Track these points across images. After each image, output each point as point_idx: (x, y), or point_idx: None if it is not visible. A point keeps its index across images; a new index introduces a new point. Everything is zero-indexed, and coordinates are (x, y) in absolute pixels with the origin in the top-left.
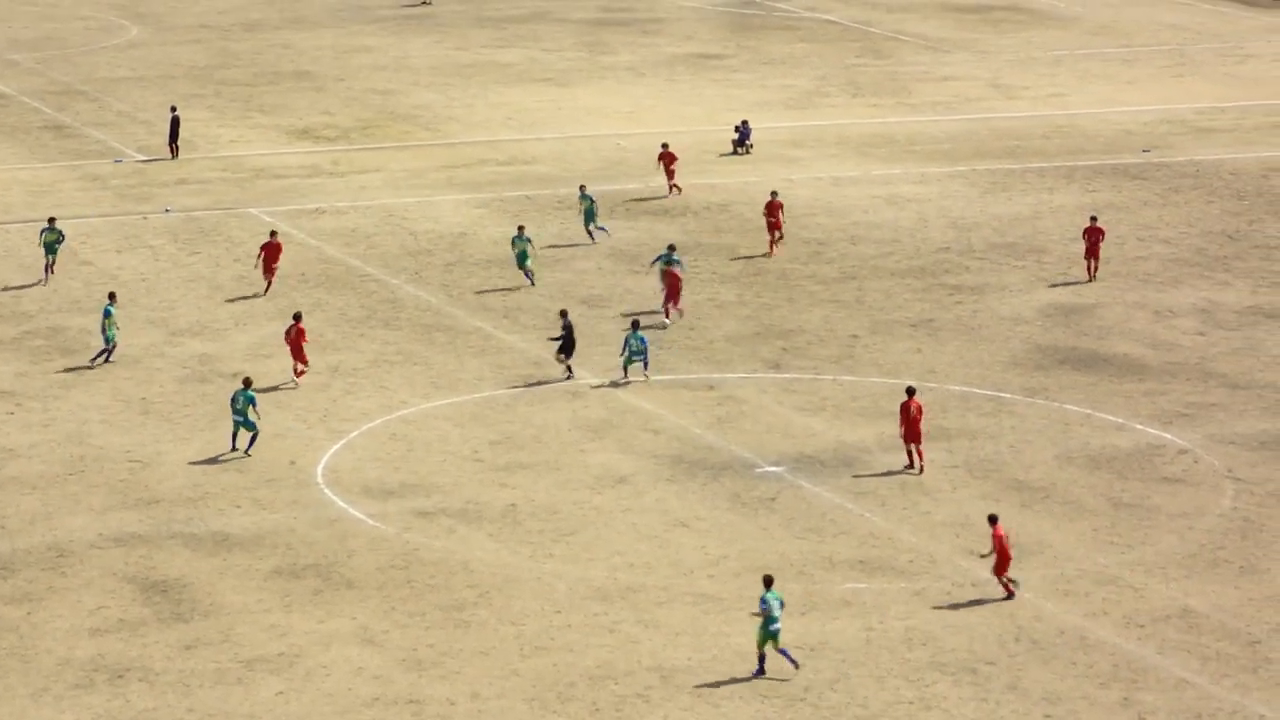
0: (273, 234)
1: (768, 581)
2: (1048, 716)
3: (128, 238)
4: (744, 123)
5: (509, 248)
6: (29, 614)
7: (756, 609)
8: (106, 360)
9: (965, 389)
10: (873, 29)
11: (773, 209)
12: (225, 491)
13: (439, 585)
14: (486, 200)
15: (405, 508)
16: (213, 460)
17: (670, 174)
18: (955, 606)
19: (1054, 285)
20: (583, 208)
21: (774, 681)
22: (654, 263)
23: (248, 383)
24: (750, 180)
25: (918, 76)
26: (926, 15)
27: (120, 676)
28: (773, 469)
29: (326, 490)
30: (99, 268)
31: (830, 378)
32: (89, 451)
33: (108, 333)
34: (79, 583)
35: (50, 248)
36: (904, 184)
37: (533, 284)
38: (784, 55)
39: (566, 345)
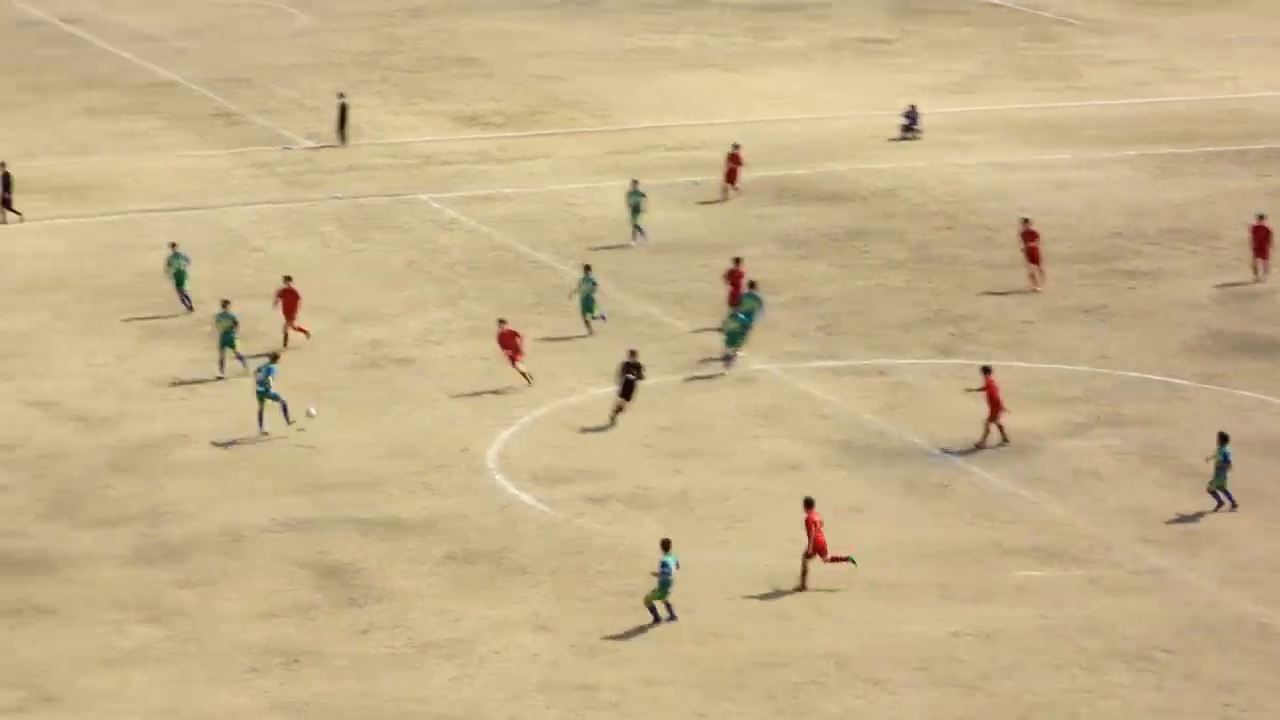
0: (287, 280)
1: (665, 545)
2: (1226, 705)
3: (296, 224)
4: (912, 107)
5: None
6: (203, 598)
7: (655, 569)
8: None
9: (1139, 375)
10: (1040, 12)
11: (1029, 238)
12: (397, 477)
13: (611, 571)
14: (655, 186)
15: (576, 494)
16: (383, 446)
17: (732, 175)
18: (1132, 594)
19: (1223, 271)
20: (631, 203)
21: (950, 669)
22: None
23: (275, 358)
24: (918, 165)
25: (1086, 60)
26: None
27: (294, 661)
28: (945, 455)
29: (498, 476)
30: (268, 254)
31: (1002, 364)
32: (261, 437)
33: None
34: (252, 567)
35: (179, 278)
36: (1074, 169)
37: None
38: (951, 39)
39: (627, 388)
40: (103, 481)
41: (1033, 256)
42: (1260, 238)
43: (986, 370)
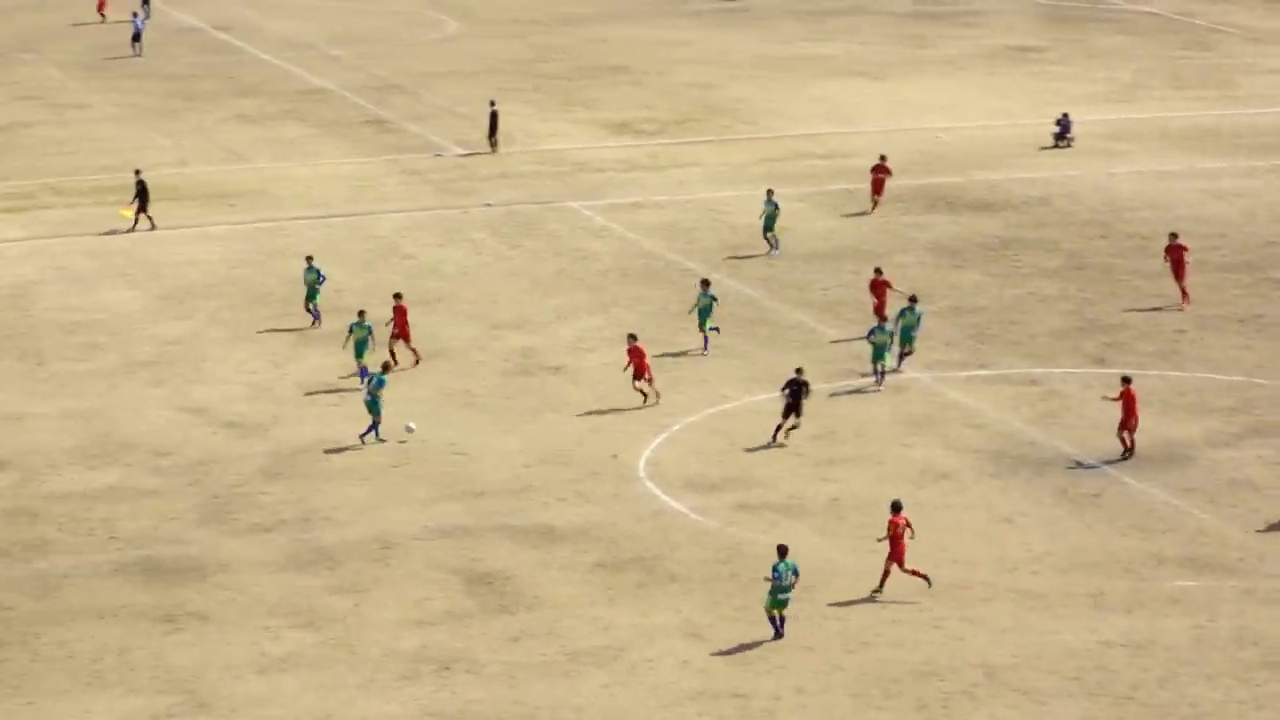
0: (398, 296)
1: (782, 551)
2: None
3: (448, 231)
4: (1065, 115)
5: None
6: (355, 605)
7: (768, 575)
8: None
9: None
10: (1195, 20)
11: (1174, 251)
12: (548, 485)
13: (763, 580)
14: (806, 194)
15: (728, 502)
16: (535, 454)
17: (879, 185)
18: None
19: None
20: (765, 213)
21: (1102, 679)
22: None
23: (387, 367)
24: (1071, 174)
25: (1243, 68)
26: (1251, 6)
27: (446, 668)
28: (1098, 465)
29: (649, 484)
30: (420, 261)
31: (1155, 373)
32: (413, 444)
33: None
34: (404, 574)
35: (311, 292)
36: (1229, 178)
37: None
38: (1105, 48)
39: (793, 405)
40: (256, 488)
41: (1177, 272)
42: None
43: (1126, 380)
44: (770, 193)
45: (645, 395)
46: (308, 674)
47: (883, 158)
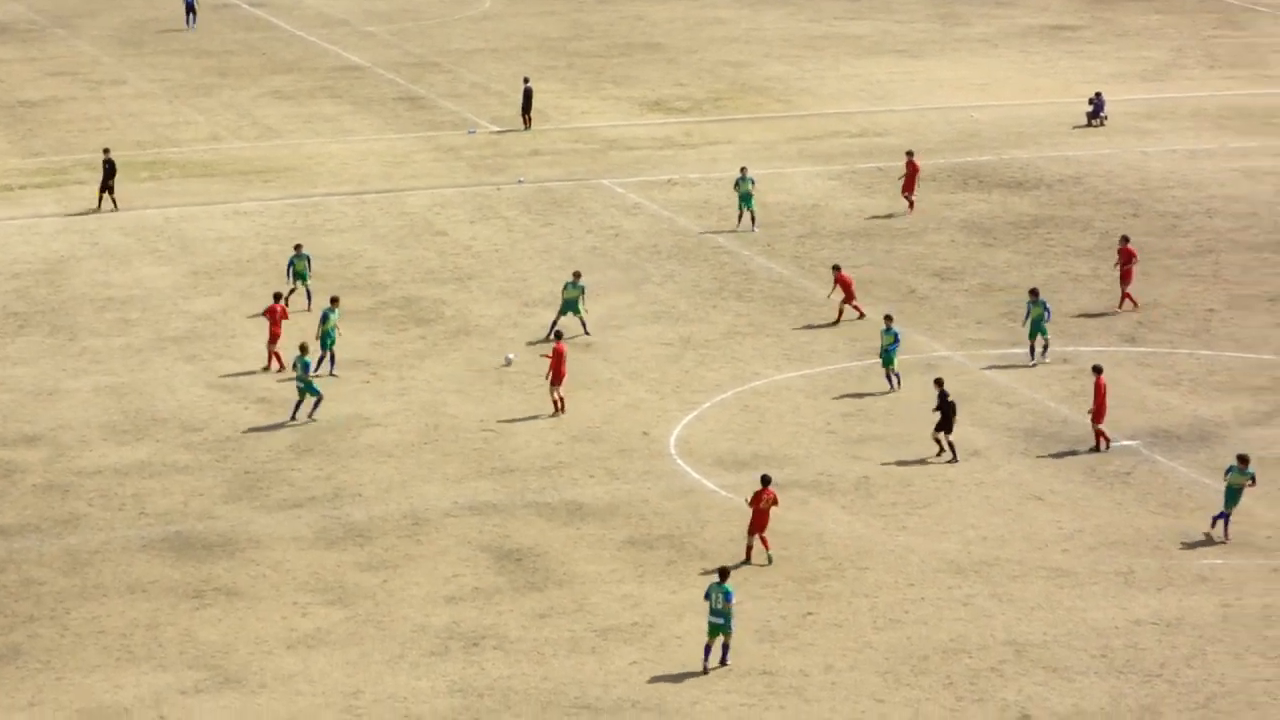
0: (277, 297)
1: (722, 574)
2: None
3: (481, 208)
4: (1098, 94)
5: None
6: (385, 581)
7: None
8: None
9: None
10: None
11: (1124, 255)
12: (578, 461)
13: (792, 557)
14: (839, 172)
15: (758, 479)
16: (565, 431)
17: (910, 185)
18: None
19: None
20: (741, 190)
21: (1130, 657)
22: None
23: (304, 349)
24: (1104, 153)
25: (1276, 48)
26: None
27: (475, 644)
28: (1128, 443)
29: (679, 461)
30: (453, 238)
31: (1186, 352)
32: (443, 420)
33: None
34: (434, 550)
35: (301, 276)
36: (1262, 157)
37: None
38: (1139, 27)
39: (945, 420)
40: (286, 464)
41: (1125, 276)
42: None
43: (1097, 370)
44: (744, 170)
45: (557, 404)
46: (337, 650)
47: (910, 154)
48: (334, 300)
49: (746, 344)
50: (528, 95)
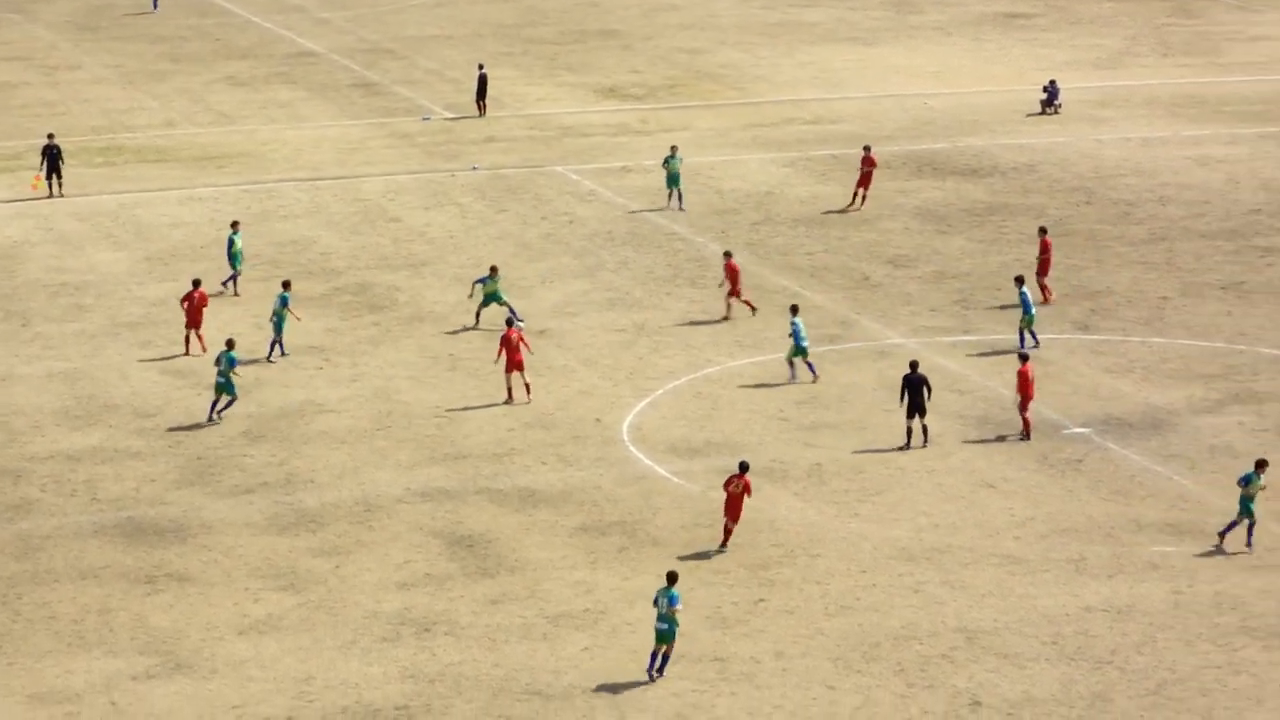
0: (196, 283)
1: (670, 578)
2: None
3: (435, 195)
4: (1052, 82)
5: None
6: (337, 567)
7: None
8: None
9: (1276, 352)
10: None
11: (1044, 249)
12: (531, 448)
13: (744, 544)
14: (793, 159)
15: (710, 466)
16: (518, 417)
17: (866, 179)
18: (1265, 571)
19: None
20: (669, 170)
21: (1081, 644)
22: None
23: (230, 344)
24: (1058, 141)
25: (1228, 36)
26: None
27: (427, 630)
28: (1080, 430)
29: (632, 448)
30: (407, 225)
31: (1139, 339)
32: (396, 407)
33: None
34: (386, 537)
35: (234, 259)
36: (1214, 145)
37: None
38: (1093, 14)
39: (916, 405)
40: (238, 450)
41: (1044, 269)
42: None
43: (1024, 359)
44: (674, 149)
45: (511, 391)
46: (288, 636)
47: (867, 149)
48: (286, 284)
49: (700, 331)
50: (483, 81)
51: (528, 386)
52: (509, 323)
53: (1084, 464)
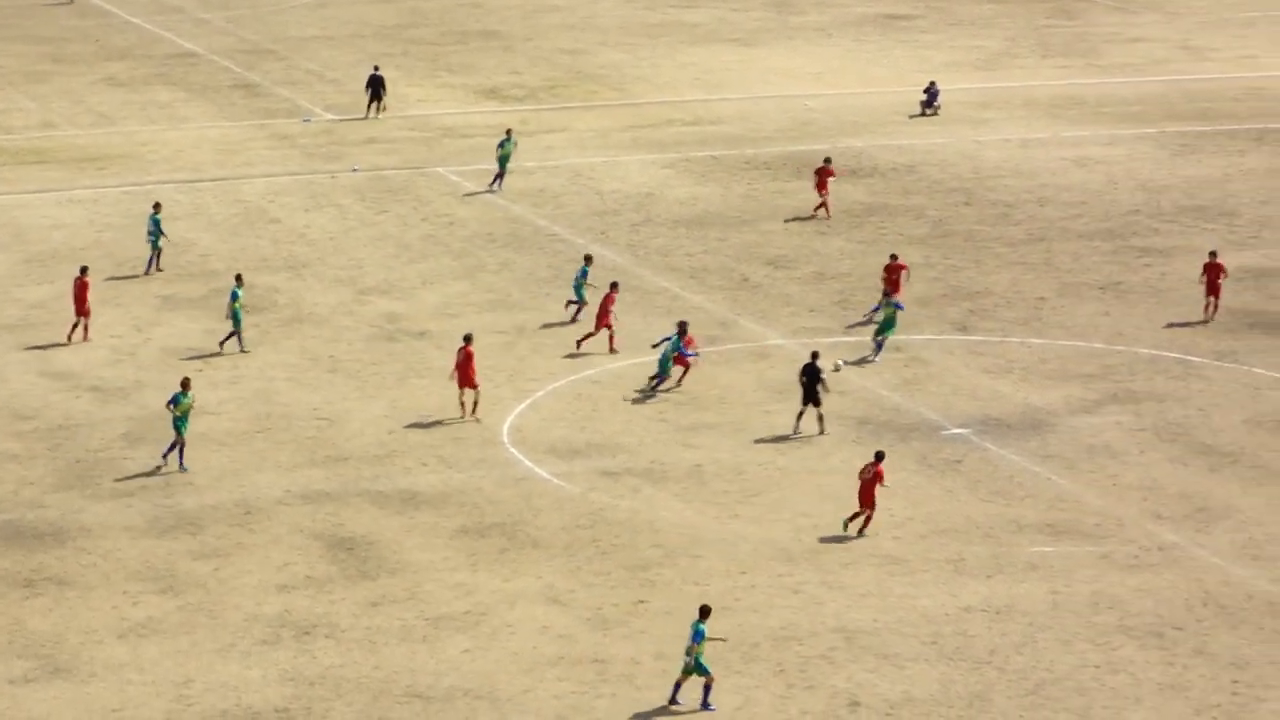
0: (83, 270)
1: (703, 612)
2: (1235, 681)
3: (315, 196)
4: (932, 84)
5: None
6: (216, 570)
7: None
8: (234, 338)
9: (1153, 352)
10: None
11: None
12: (412, 450)
13: (624, 545)
14: (673, 161)
15: (591, 467)
16: (399, 419)
17: (822, 187)
18: (1142, 570)
19: (1239, 249)
20: (503, 152)
21: (960, 644)
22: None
23: (186, 384)
24: (938, 142)
25: (1107, 38)
26: None
27: (307, 633)
28: (959, 431)
29: (512, 449)
30: (287, 225)
31: (1017, 340)
32: (276, 409)
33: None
34: (266, 539)
35: (155, 239)
36: (1093, 146)
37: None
38: (973, 16)
39: (810, 393)
40: (118, 452)
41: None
42: (1213, 274)
43: (467, 339)
44: (509, 132)
45: (465, 408)
46: (168, 639)
47: (827, 160)
48: (238, 278)
49: (581, 332)
50: (377, 82)
51: (475, 405)
52: (467, 339)
53: (963, 464)
